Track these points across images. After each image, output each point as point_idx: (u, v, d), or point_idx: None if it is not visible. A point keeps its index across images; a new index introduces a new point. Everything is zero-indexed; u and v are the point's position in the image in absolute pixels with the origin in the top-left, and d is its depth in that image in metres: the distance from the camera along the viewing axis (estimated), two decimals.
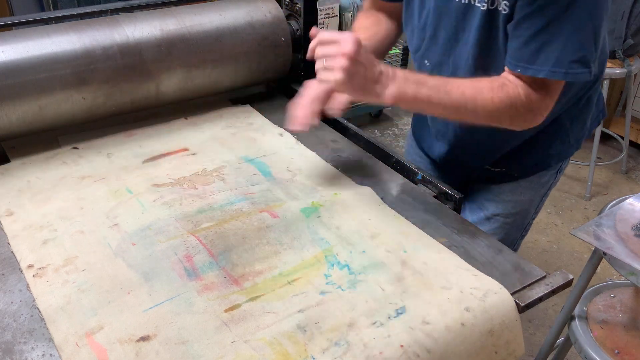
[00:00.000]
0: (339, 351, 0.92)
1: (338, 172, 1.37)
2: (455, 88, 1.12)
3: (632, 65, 2.92)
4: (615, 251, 1.33)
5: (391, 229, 1.18)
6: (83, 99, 1.41)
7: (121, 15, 1.50)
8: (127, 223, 1.18)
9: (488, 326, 1.00)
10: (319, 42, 1.08)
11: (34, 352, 0.92)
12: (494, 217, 1.50)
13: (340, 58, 1.03)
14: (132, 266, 1.08)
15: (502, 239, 1.51)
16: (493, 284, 1.05)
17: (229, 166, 1.37)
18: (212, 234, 1.16)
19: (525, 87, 1.14)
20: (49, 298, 1.01)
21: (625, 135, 3.27)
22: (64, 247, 1.12)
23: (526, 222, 1.55)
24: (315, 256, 1.11)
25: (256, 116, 1.60)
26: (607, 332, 1.49)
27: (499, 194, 1.49)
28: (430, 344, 0.95)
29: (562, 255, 2.73)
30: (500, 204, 1.48)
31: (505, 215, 1.49)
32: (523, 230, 1.57)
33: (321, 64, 1.07)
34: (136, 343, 0.93)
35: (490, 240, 1.17)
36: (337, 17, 1.65)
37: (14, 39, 1.35)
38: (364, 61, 1.05)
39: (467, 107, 1.12)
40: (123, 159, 1.40)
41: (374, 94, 1.10)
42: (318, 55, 1.08)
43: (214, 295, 1.02)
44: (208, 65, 1.55)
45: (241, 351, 0.92)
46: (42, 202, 1.24)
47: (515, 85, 1.14)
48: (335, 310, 0.99)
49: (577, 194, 3.15)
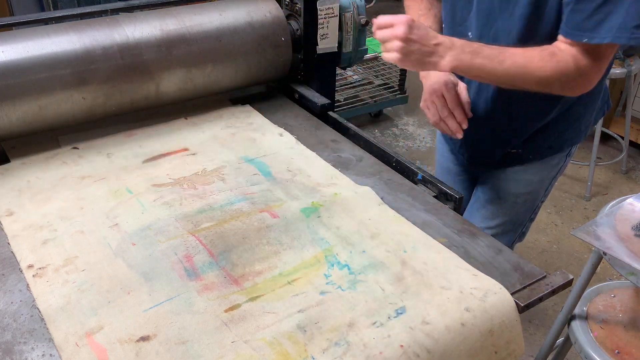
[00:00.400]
0: (339, 351, 0.92)
1: (338, 172, 1.37)
2: (508, 57, 1.21)
3: (632, 65, 2.92)
4: (615, 251, 1.33)
5: (391, 229, 1.18)
6: (83, 99, 1.41)
7: (121, 15, 1.50)
8: (127, 223, 1.18)
9: (488, 326, 1.00)
10: (377, 27, 1.22)
11: (34, 352, 0.92)
12: (506, 196, 1.56)
13: (395, 41, 1.18)
14: (132, 266, 1.08)
15: (513, 219, 1.58)
16: (493, 284, 1.05)
17: (229, 166, 1.37)
18: (212, 234, 1.16)
19: (576, 54, 1.20)
20: (49, 298, 1.01)
21: (625, 135, 3.27)
22: (64, 247, 1.12)
23: (536, 203, 1.60)
24: (315, 256, 1.11)
25: (256, 116, 1.60)
26: (607, 332, 1.49)
27: (512, 175, 1.55)
28: (430, 344, 0.95)
29: (562, 255, 2.73)
30: (512, 184, 1.55)
31: (517, 195, 1.55)
32: (532, 213, 1.62)
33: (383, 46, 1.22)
34: (136, 343, 0.93)
35: (490, 240, 1.17)
36: (337, 17, 1.65)
37: (14, 39, 1.35)
38: (417, 39, 1.18)
39: (518, 76, 1.22)
40: (123, 159, 1.40)
41: (431, 65, 1.22)
42: (377, 39, 1.22)
43: (214, 295, 1.02)
44: (208, 65, 1.55)
45: (241, 351, 0.92)
46: (42, 202, 1.24)
47: (566, 54, 1.20)
48: (335, 310, 0.99)
49: (577, 194, 3.15)
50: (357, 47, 1.75)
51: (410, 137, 3.55)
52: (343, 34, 1.69)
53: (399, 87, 3.57)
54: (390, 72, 3.63)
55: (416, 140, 3.52)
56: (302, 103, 1.68)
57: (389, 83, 3.61)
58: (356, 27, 1.72)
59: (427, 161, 3.30)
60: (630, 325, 1.51)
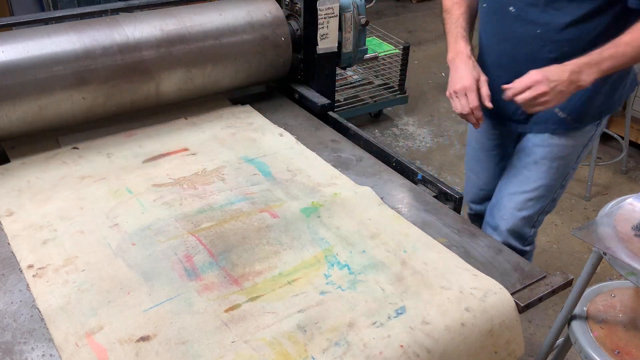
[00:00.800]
0: (339, 351, 0.92)
1: (338, 172, 1.37)
2: (624, 46, 1.34)
3: None
4: (615, 251, 1.32)
5: (391, 229, 1.18)
6: (83, 99, 1.41)
7: (121, 15, 1.50)
8: (127, 223, 1.18)
9: (488, 326, 1.00)
10: (513, 93, 1.37)
11: (33, 352, 0.92)
12: (541, 160, 1.62)
13: (542, 97, 1.35)
14: (132, 266, 1.08)
15: (547, 184, 1.64)
16: (493, 284, 1.05)
17: (229, 166, 1.37)
18: (212, 234, 1.16)
19: None
20: (48, 298, 1.01)
21: (625, 135, 3.26)
22: (64, 247, 1.12)
23: (567, 170, 1.66)
24: (315, 256, 1.11)
25: (256, 116, 1.60)
26: (607, 332, 1.49)
27: (547, 140, 1.61)
28: (430, 344, 0.95)
29: (562, 255, 2.72)
30: (547, 148, 1.61)
31: (552, 158, 1.61)
32: (563, 180, 1.68)
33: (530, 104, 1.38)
34: (136, 343, 0.93)
35: (490, 240, 1.17)
36: (337, 17, 1.65)
37: (14, 39, 1.35)
38: (555, 82, 1.34)
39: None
40: (123, 159, 1.40)
41: (577, 89, 1.37)
42: (523, 102, 1.37)
43: (214, 295, 1.02)
44: (208, 65, 1.55)
45: (241, 351, 0.92)
46: (42, 202, 1.24)
47: None
48: (335, 310, 0.99)
49: (577, 194, 3.15)
50: (357, 47, 1.75)
51: (410, 137, 3.54)
52: (343, 34, 1.69)
53: (399, 87, 3.57)
54: (390, 72, 3.63)
55: (416, 140, 3.52)
56: (302, 103, 1.68)
57: (389, 83, 3.61)
58: (356, 27, 1.72)
59: (427, 161, 3.29)
60: (630, 325, 1.51)
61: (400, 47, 3.53)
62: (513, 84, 1.39)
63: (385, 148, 1.44)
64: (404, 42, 3.59)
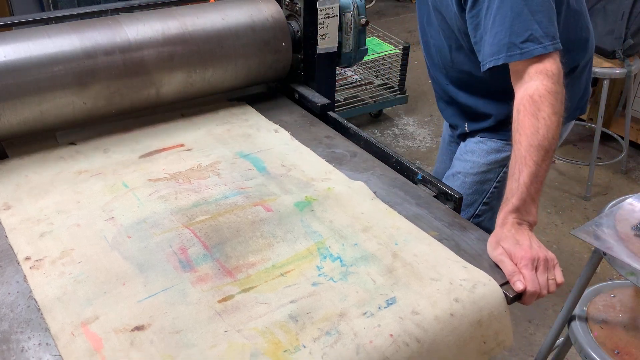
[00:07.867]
0: (330, 340, 0.94)
1: (332, 167, 1.38)
2: (522, 161, 1.16)
3: (632, 65, 2.92)
4: (615, 251, 1.32)
5: (383, 223, 1.20)
6: (84, 103, 1.41)
7: (122, 16, 1.49)
8: (123, 216, 1.20)
9: (477, 317, 1.01)
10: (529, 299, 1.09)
11: (30, 341, 0.94)
12: (456, 174, 1.63)
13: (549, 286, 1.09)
14: (128, 258, 1.09)
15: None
16: (482, 276, 1.06)
17: (224, 161, 1.39)
18: (207, 227, 1.17)
19: (529, 75, 1.22)
20: (45, 289, 1.02)
21: (625, 135, 3.26)
22: (61, 239, 1.14)
23: (485, 187, 1.62)
24: (308, 249, 1.13)
25: (251, 113, 1.62)
26: (607, 332, 1.49)
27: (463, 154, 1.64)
28: (419, 334, 0.96)
29: (562, 255, 2.73)
30: (462, 163, 1.63)
31: (465, 174, 1.61)
32: (484, 197, 1.62)
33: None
34: (131, 332, 0.94)
35: (480, 233, 1.18)
36: (337, 17, 1.66)
37: (14, 39, 1.35)
38: (540, 260, 1.09)
39: (543, 151, 1.16)
40: (120, 154, 1.42)
41: (530, 227, 1.15)
42: (537, 297, 1.09)
43: (207, 286, 1.04)
44: (209, 69, 1.54)
45: (234, 340, 0.93)
46: (39, 196, 1.26)
47: (529, 88, 1.20)
48: (326, 301, 1.01)
49: (577, 194, 3.15)
50: (357, 47, 1.76)
51: (410, 137, 3.55)
52: (343, 34, 1.70)
53: (399, 87, 3.58)
54: (390, 72, 3.65)
55: (416, 140, 3.53)
56: (302, 103, 1.69)
57: (389, 83, 3.62)
58: (356, 27, 1.73)
59: (427, 161, 3.30)
60: (630, 325, 1.51)
61: (400, 47, 3.54)
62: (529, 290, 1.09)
63: (385, 148, 1.45)
64: (404, 42, 3.60)
